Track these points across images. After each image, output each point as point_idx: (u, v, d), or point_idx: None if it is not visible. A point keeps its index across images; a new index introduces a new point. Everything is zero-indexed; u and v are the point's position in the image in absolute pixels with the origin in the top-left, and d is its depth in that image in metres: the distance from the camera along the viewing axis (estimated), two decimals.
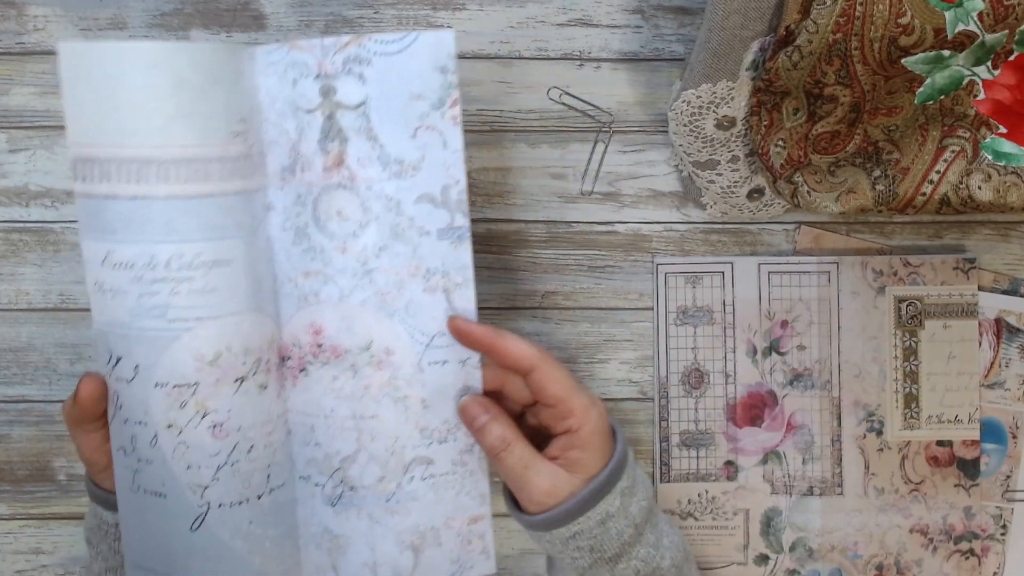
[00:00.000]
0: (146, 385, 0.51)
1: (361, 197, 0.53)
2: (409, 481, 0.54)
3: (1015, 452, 0.66)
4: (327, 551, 0.56)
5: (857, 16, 0.54)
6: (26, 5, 0.64)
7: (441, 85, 0.52)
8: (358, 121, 0.52)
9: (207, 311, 0.51)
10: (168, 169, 0.50)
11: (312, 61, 0.52)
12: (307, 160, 0.53)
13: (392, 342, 0.53)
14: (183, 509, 0.52)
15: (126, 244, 0.50)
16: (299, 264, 0.54)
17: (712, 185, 0.64)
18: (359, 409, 0.54)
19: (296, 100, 0.53)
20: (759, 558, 0.66)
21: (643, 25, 0.65)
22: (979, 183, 0.59)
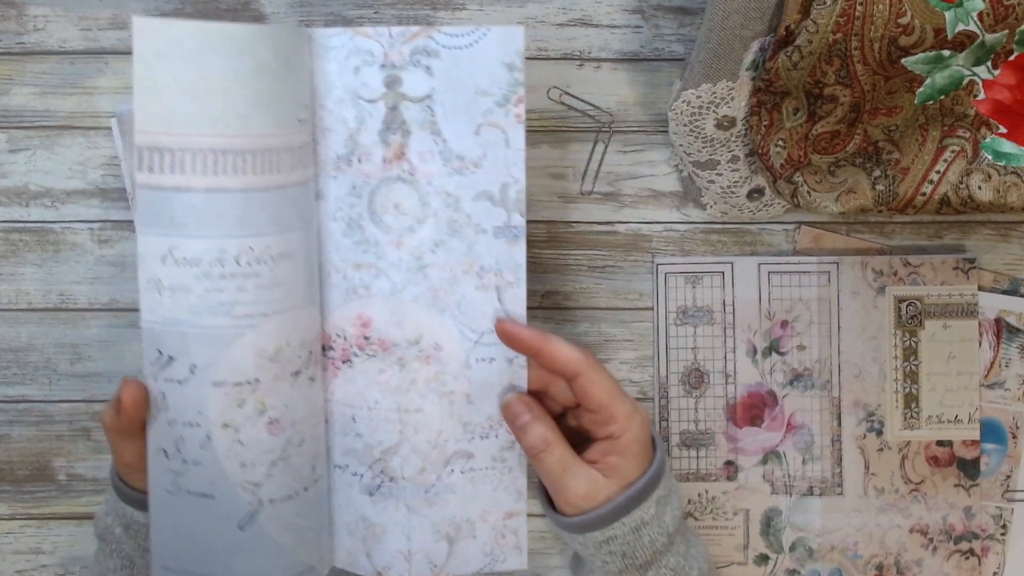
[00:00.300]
0: (202, 385, 0.49)
1: (420, 192, 0.52)
2: (449, 474, 0.55)
3: (1015, 452, 0.66)
4: (361, 538, 0.56)
5: (857, 16, 0.54)
6: (26, 5, 0.64)
7: (507, 82, 0.51)
8: (422, 114, 0.52)
9: (272, 306, 0.50)
10: (245, 159, 0.48)
11: (378, 49, 0.51)
12: (366, 151, 0.52)
13: (442, 337, 0.53)
14: (232, 509, 0.51)
15: (195, 239, 0.48)
16: (349, 256, 0.53)
17: (712, 185, 0.64)
18: (404, 402, 0.54)
19: (357, 88, 0.52)
20: (759, 558, 0.66)
21: (643, 25, 0.65)
22: (979, 183, 0.59)
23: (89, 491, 0.67)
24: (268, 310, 0.50)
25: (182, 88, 0.47)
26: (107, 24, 0.64)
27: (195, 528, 0.51)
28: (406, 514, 0.55)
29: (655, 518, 0.53)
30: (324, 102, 0.52)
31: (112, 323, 0.66)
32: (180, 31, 0.47)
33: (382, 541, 0.56)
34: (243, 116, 0.48)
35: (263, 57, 0.48)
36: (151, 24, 0.46)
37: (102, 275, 0.65)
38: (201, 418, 0.50)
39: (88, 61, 0.64)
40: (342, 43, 0.51)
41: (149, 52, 0.47)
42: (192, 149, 0.47)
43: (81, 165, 0.65)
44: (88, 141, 0.65)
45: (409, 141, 0.52)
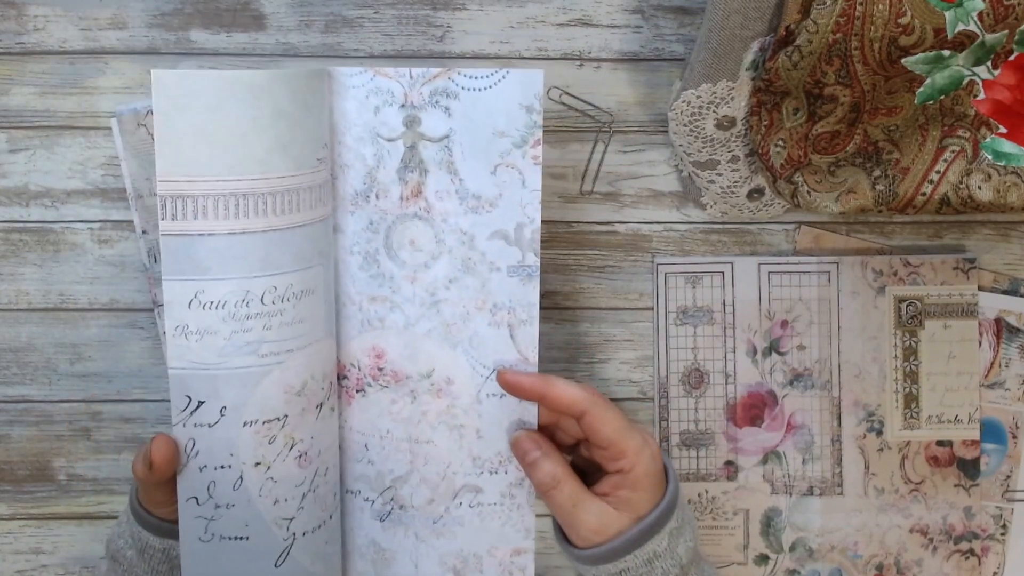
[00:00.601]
0: (233, 426, 0.50)
1: (436, 229, 0.53)
2: (457, 507, 0.55)
3: (1015, 452, 0.66)
4: (372, 562, 0.57)
5: (857, 16, 0.54)
6: (26, 5, 0.64)
7: (526, 124, 0.52)
8: (440, 154, 0.53)
9: (297, 342, 0.51)
10: (266, 201, 0.49)
11: (398, 90, 0.52)
12: (384, 188, 0.53)
13: (454, 372, 0.54)
14: (267, 548, 0.52)
15: (220, 282, 0.49)
16: (365, 288, 0.54)
17: (712, 185, 0.64)
18: (415, 433, 0.55)
19: (377, 127, 0.53)
20: (759, 558, 0.66)
21: (643, 25, 0.65)
22: (979, 183, 0.59)
23: (89, 491, 0.67)
24: (293, 346, 0.51)
25: (202, 137, 0.48)
26: (107, 24, 0.64)
27: (230, 572, 0.52)
28: (414, 542, 0.56)
29: (668, 550, 0.52)
30: (343, 139, 0.53)
31: (112, 323, 0.66)
32: (198, 82, 0.48)
33: (392, 566, 0.57)
34: (262, 160, 0.49)
35: (281, 102, 0.49)
36: (169, 76, 0.48)
37: (102, 275, 0.65)
38: (233, 459, 0.50)
39: (88, 61, 0.64)
40: (363, 83, 0.53)
41: (168, 104, 0.48)
42: (214, 195, 0.48)
43: (81, 165, 0.65)
44: (88, 141, 0.65)
45: (426, 180, 0.53)
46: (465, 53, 0.65)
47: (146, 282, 0.64)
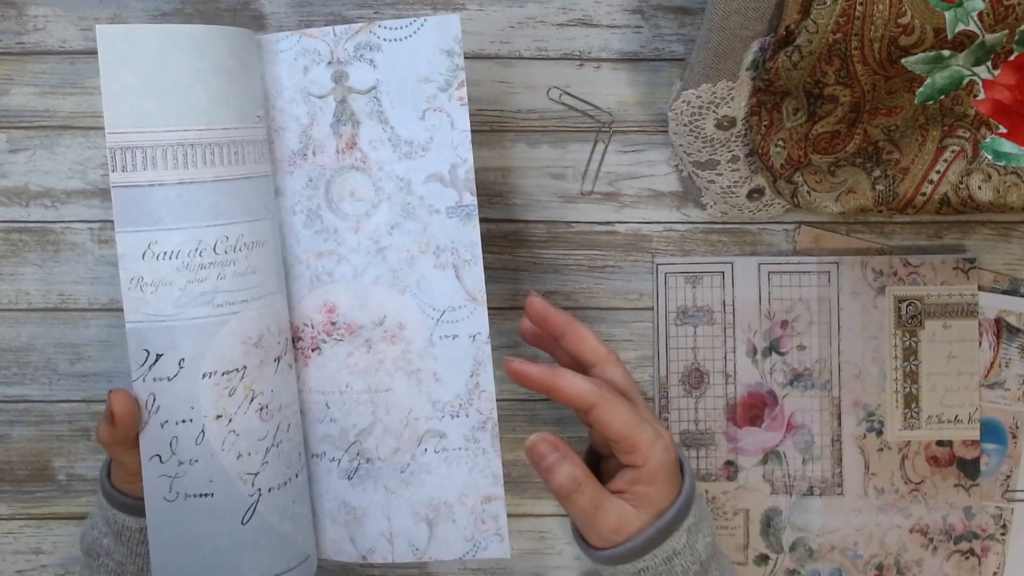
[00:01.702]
0: (192, 378, 0.51)
1: (373, 178, 0.55)
2: (423, 453, 0.56)
3: (1015, 452, 0.66)
4: (344, 524, 0.57)
5: (857, 16, 0.54)
6: (26, 5, 0.64)
7: (448, 68, 0.54)
8: (369, 105, 0.55)
9: (251, 292, 0.52)
10: (213, 152, 0.51)
11: (324, 48, 0.54)
12: (319, 144, 0.55)
13: (405, 317, 0.55)
14: (233, 504, 0.52)
15: (172, 232, 0.50)
16: (311, 246, 0.56)
17: (712, 185, 0.64)
18: (373, 383, 0.56)
19: (307, 86, 0.55)
20: (759, 558, 0.66)
21: (643, 25, 0.65)
22: (979, 183, 0.59)
23: (89, 491, 0.67)
24: (248, 296, 0.52)
25: (148, 88, 0.50)
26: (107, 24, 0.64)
27: (197, 532, 0.52)
28: (384, 495, 0.56)
29: (687, 547, 0.51)
30: (276, 103, 0.55)
31: (112, 323, 0.66)
32: (142, 34, 0.49)
33: (364, 524, 0.57)
34: (208, 111, 0.51)
35: (221, 55, 0.51)
36: (114, 30, 0.49)
37: (102, 275, 0.65)
38: (194, 412, 0.51)
39: (88, 61, 0.64)
40: (290, 45, 0.55)
41: (114, 56, 0.49)
42: (163, 145, 0.50)
43: (81, 165, 0.65)
44: (88, 141, 0.65)
45: (359, 131, 0.55)
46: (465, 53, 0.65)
47: None
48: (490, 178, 0.66)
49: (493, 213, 0.66)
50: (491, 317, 0.66)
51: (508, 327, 0.66)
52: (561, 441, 0.52)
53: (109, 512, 0.55)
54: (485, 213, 0.66)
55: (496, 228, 0.66)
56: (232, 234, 0.51)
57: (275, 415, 0.53)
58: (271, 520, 0.53)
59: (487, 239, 0.66)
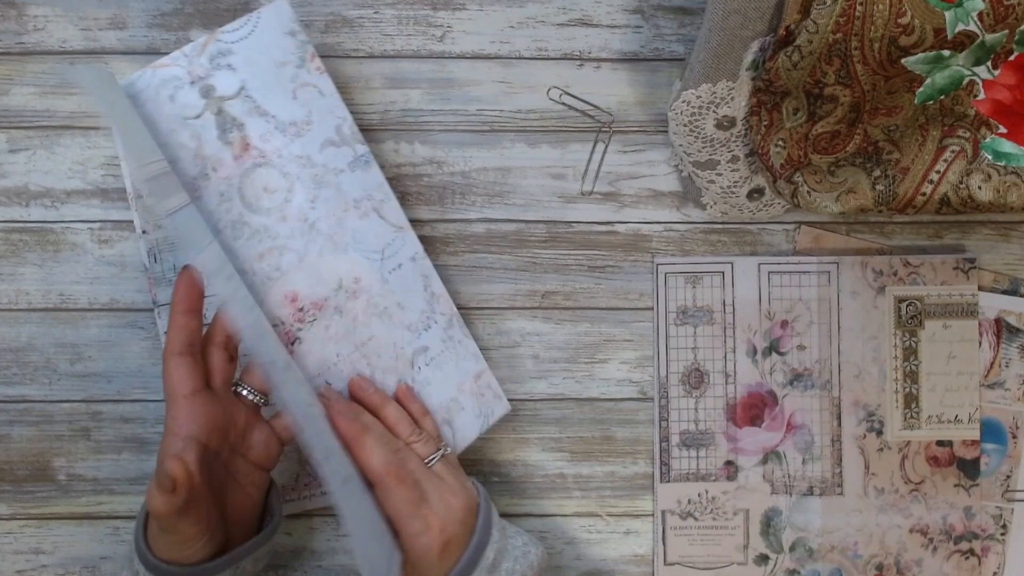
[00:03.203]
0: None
1: (277, 167, 0.58)
2: (419, 372, 0.62)
3: (1015, 452, 0.66)
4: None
5: (857, 16, 0.54)
6: (26, 5, 0.64)
7: (296, 46, 0.59)
8: (245, 104, 0.58)
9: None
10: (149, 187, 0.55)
11: (181, 72, 0.57)
12: (215, 159, 0.58)
13: (356, 271, 0.60)
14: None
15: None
16: (249, 252, 0.59)
17: (712, 185, 0.64)
18: (357, 339, 0.60)
19: (180, 112, 0.57)
20: (759, 558, 0.66)
21: (643, 25, 0.65)
22: (979, 183, 0.59)
23: (89, 491, 0.67)
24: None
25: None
26: (107, 24, 0.64)
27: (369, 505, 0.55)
28: None
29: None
30: (158, 138, 0.57)
31: (112, 323, 0.66)
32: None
33: None
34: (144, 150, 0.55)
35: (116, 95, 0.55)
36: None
37: (102, 275, 0.65)
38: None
39: (88, 61, 0.64)
40: (147, 83, 0.57)
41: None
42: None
43: (81, 165, 0.65)
44: (88, 141, 0.65)
45: (247, 132, 0.58)
46: (465, 53, 0.65)
47: (146, 282, 0.64)
48: (490, 178, 0.66)
49: (493, 213, 0.66)
50: (491, 317, 0.66)
51: (507, 327, 0.66)
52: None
53: (140, 570, 0.53)
54: (485, 213, 0.66)
55: (496, 228, 0.66)
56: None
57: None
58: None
59: (487, 239, 0.66)
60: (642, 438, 0.67)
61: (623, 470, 0.67)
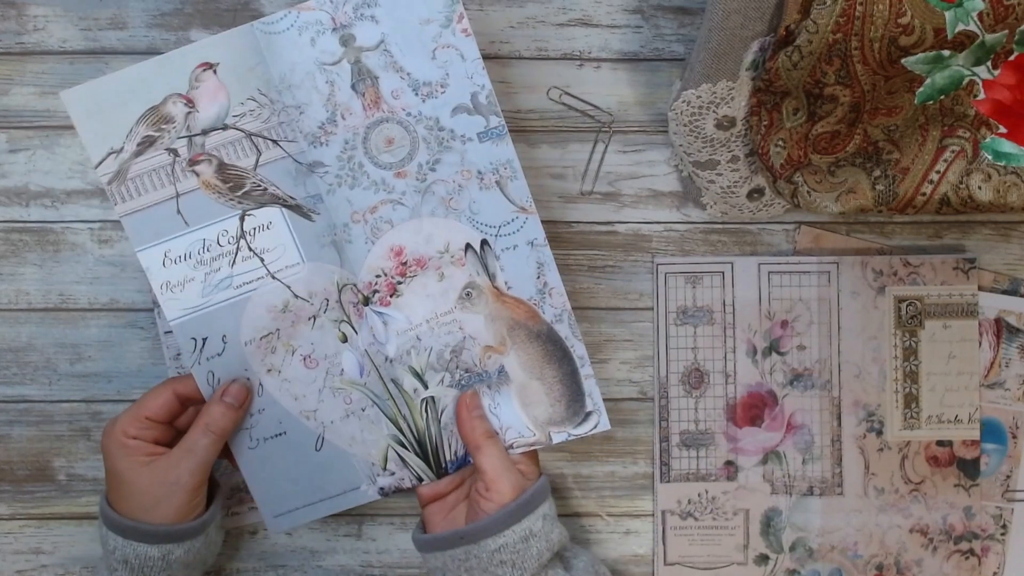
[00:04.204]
0: (237, 347, 0.60)
1: (404, 124, 0.59)
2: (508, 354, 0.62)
3: (1015, 452, 0.66)
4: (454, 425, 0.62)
5: (857, 16, 0.54)
6: (26, 5, 0.64)
7: (445, 4, 0.58)
8: (382, 58, 0.58)
9: (264, 271, 0.59)
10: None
11: (325, 17, 0.58)
12: (345, 107, 0.59)
13: (466, 240, 0.60)
14: (304, 436, 0.61)
15: (179, 238, 0.59)
16: (363, 203, 0.60)
17: (712, 185, 0.64)
18: (454, 304, 0.61)
19: (319, 57, 0.58)
20: (759, 558, 0.66)
21: (643, 25, 0.65)
22: (979, 183, 0.59)
23: (89, 491, 0.67)
24: (263, 274, 0.60)
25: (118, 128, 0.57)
26: (107, 24, 0.64)
27: (283, 465, 0.61)
28: (490, 396, 0.62)
29: (543, 531, 0.58)
30: (291, 80, 0.58)
31: (112, 323, 0.66)
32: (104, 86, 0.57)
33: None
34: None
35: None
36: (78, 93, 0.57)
37: (102, 275, 0.65)
38: (249, 373, 0.60)
39: (88, 61, 0.64)
40: (290, 23, 0.58)
41: (82, 112, 0.57)
42: (146, 172, 0.58)
43: (81, 165, 0.65)
44: None
45: (380, 85, 0.58)
46: None
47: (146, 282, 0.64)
48: None
49: None
50: None
51: None
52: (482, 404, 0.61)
53: (129, 548, 0.56)
54: None
55: None
56: (230, 227, 0.59)
57: (320, 363, 0.61)
58: (341, 445, 0.61)
59: None
60: (642, 438, 0.67)
61: (623, 470, 0.67)
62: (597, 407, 0.62)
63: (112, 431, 0.57)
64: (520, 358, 0.61)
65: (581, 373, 0.61)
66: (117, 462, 0.57)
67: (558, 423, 0.62)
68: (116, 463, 0.57)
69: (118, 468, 0.57)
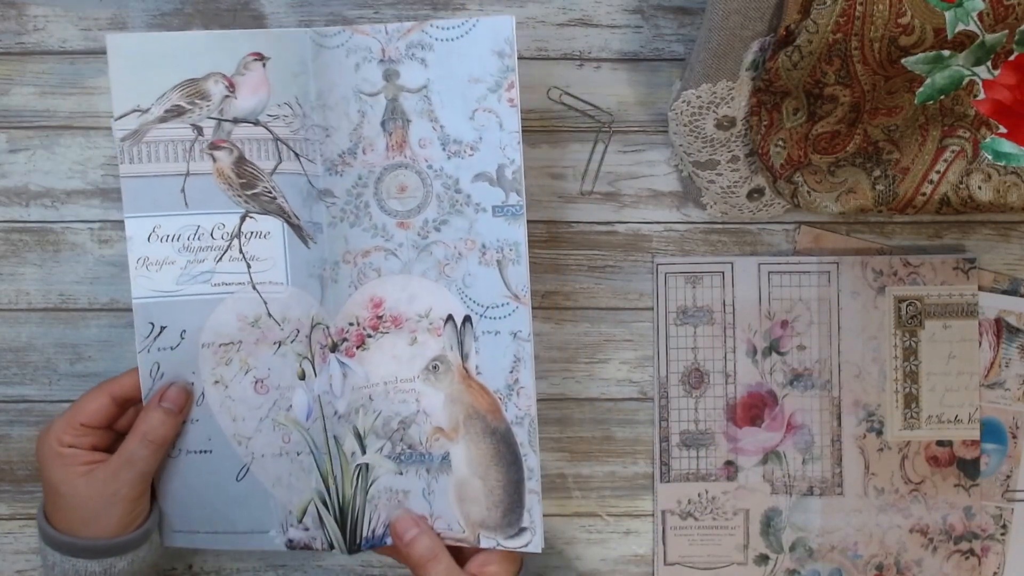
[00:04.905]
0: (192, 347, 0.57)
1: (422, 175, 0.57)
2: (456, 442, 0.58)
3: (1015, 452, 0.66)
4: (386, 508, 0.59)
5: (857, 16, 0.54)
6: (26, 5, 0.64)
7: (499, 69, 0.55)
8: (420, 103, 0.56)
9: (247, 277, 0.58)
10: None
11: (376, 46, 0.56)
12: (369, 142, 0.57)
13: (449, 310, 0.58)
14: (229, 461, 0.58)
15: (173, 217, 0.57)
16: (359, 244, 0.58)
17: (712, 185, 0.64)
18: (417, 374, 0.58)
19: (359, 84, 0.56)
20: (759, 558, 0.66)
21: (643, 25, 0.65)
22: (979, 183, 0.59)
23: None
24: (244, 280, 0.58)
25: (152, 87, 0.56)
26: (107, 24, 0.64)
27: (198, 484, 0.58)
28: (427, 479, 0.59)
29: None
30: (328, 100, 0.56)
31: (112, 323, 0.66)
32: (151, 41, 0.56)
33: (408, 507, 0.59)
34: None
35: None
36: (124, 40, 0.56)
37: (102, 275, 0.65)
38: (195, 377, 0.58)
39: (88, 61, 0.64)
40: (342, 41, 0.56)
41: (122, 61, 0.55)
42: (165, 140, 0.56)
43: (81, 165, 0.65)
44: (88, 141, 0.65)
45: (409, 129, 0.56)
46: None
47: None
48: None
49: None
50: None
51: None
52: (423, 519, 0.58)
53: (68, 564, 0.55)
54: None
55: None
56: (228, 223, 0.57)
57: (271, 391, 0.58)
58: (264, 483, 0.58)
59: None
60: (642, 438, 0.67)
61: (623, 470, 0.67)
62: (534, 525, 0.57)
63: (46, 439, 0.55)
64: (468, 451, 0.58)
65: (527, 486, 0.57)
66: (52, 473, 0.55)
67: (490, 528, 0.58)
68: (51, 474, 0.55)
69: (53, 480, 0.55)
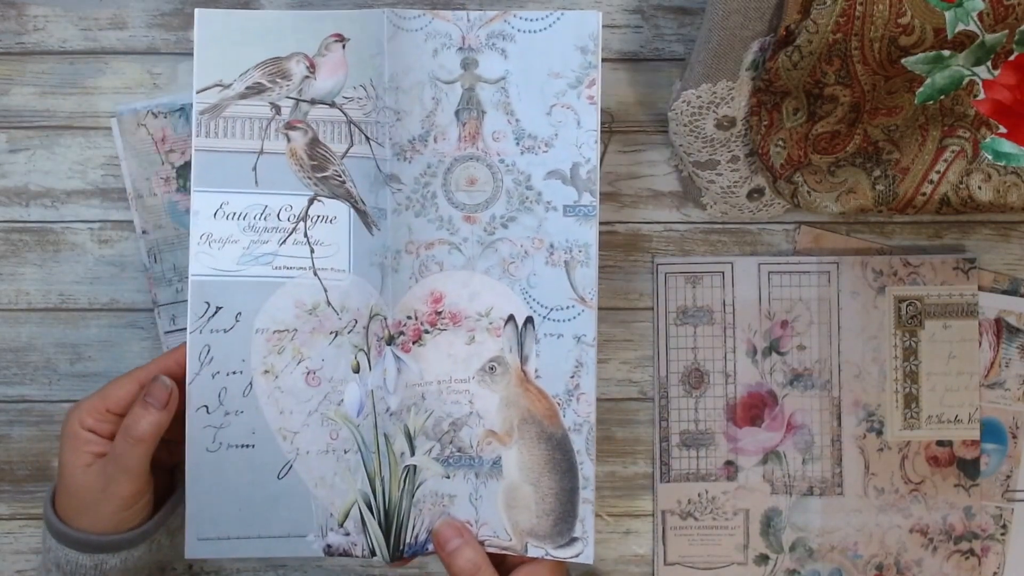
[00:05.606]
0: (246, 331, 0.55)
1: (493, 169, 0.56)
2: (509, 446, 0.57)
3: (1015, 452, 0.66)
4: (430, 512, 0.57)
5: (857, 16, 0.54)
6: (26, 5, 0.64)
7: (580, 65, 0.54)
8: (496, 95, 0.55)
9: (310, 263, 0.56)
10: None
11: (456, 33, 0.55)
12: (441, 131, 0.55)
13: (511, 311, 0.56)
14: (272, 457, 0.56)
15: (242, 195, 0.55)
16: (422, 235, 0.56)
17: (712, 185, 0.64)
18: (472, 374, 0.56)
19: (435, 70, 0.55)
20: (759, 558, 0.66)
21: (643, 25, 0.65)
22: (979, 183, 0.59)
23: None
24: (306, 265, 0.56)
25: (234, 64, 0.55)
26: (107, 24, 0.64)
27: (236, 482, 0.55)
28: (475, 484, 0.57)
29: None
30: (401, 84, 0.55)
31: (112, 323, 0.66)
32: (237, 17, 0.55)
33: (453, 512, 0.57)
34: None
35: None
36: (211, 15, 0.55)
37: (102, 275, 0.65)
38: (244, 365, 0.55)
39: (88, 61, 0.64)
40: (421, 25, 0.55)
41: (208, 34, 0.55)
42: (243, 117, 0.55)
43: (81, 165, 0.65)
44: (88, 141, 0.65)
45: (484, 121, 0.55)
46: None
47: (146, 282, 0.64)
48: None
49: None
50: None
51: None
52: (465, 528, 0.55)
53: (61, 554, 0.55)
54: None
55: None
56: (296, 205, 0.55)
57: (323, 384, 0.56)
58: (307, 481, 0.56)
59: None
60: (642, 438, 0.67)
61: (623, 470, 0.67)
62: (586, 536, 0.56)
63: (70, 418, 0.54)
64: (522, 456, 0.56)
65: (581, 495, 0.56)
66: (63, 454, 0.54)
67: (539, 537, 0.56)
68: (62, 455, 0.54)
69: (63, 461, 0.54)
